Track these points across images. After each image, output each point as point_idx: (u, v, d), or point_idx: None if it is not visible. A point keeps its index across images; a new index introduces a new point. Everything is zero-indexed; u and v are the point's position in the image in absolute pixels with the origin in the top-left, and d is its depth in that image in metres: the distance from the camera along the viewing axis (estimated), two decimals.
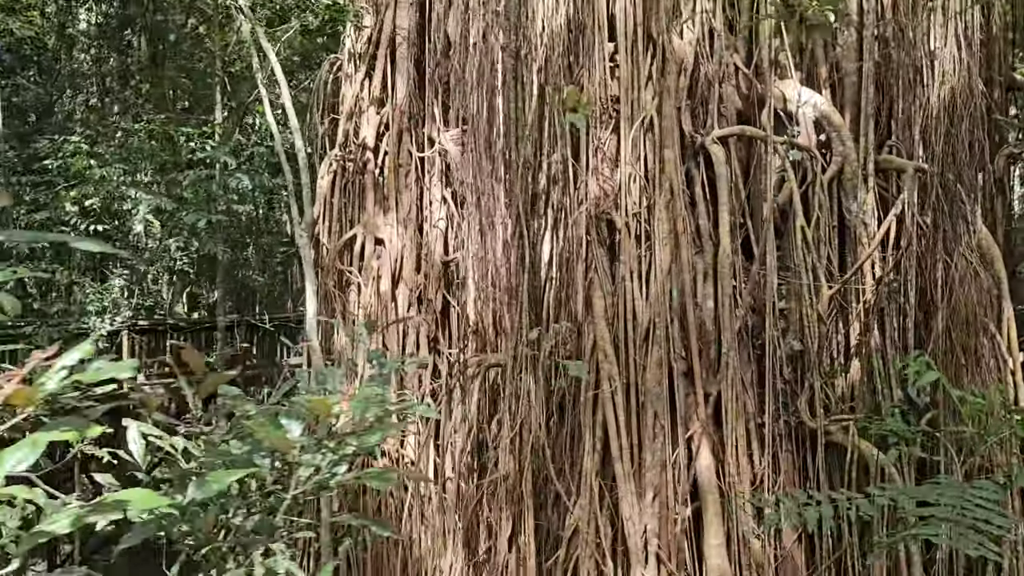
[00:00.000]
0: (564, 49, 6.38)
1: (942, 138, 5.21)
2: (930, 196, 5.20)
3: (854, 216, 5.76)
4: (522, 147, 6.75)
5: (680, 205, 5.88)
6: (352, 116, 12.51)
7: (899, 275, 5.50)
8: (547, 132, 6.77)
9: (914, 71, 5.62)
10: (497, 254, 7.94)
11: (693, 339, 5.85)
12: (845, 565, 5.33)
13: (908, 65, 5.71)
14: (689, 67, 6.21)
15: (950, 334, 5.44)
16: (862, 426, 5.41)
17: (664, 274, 5.86)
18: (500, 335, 9.42)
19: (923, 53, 5.65)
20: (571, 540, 6.19)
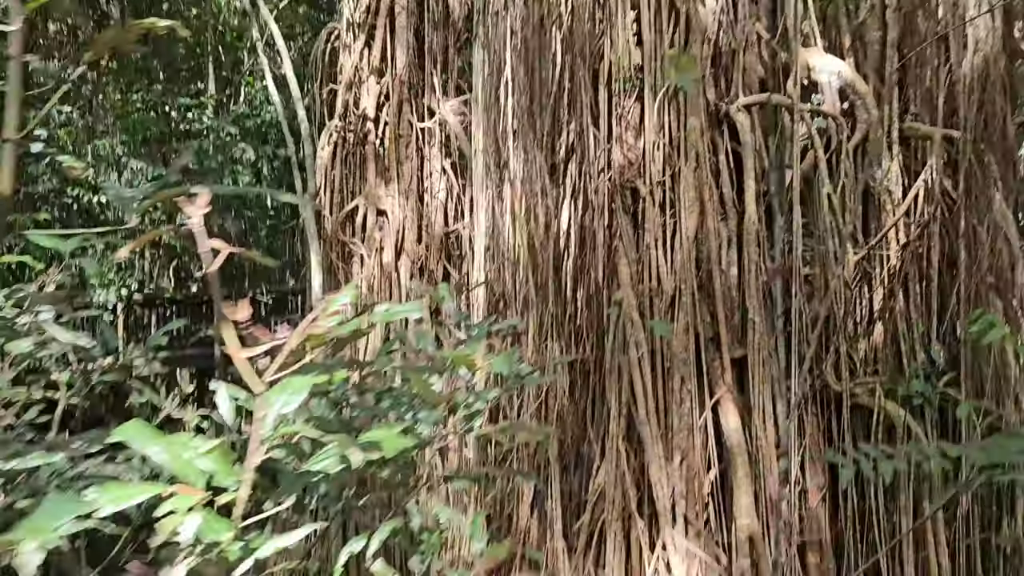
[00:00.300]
0: (588, 16, 6.45)
1: (975, 106, 5.32)
2: (962, 163, 5.32)
3: (878, 183, 5.90)
4: (545, 116, 6.82)
5: (706, 173, 6.00)
6: (352, 86, 12.56)
7: (923, 241, 5.64)
8: (566, 101, 6.85)
9: (943, 40, 5.73)
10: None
11: (720, 305, 5.99)
12: (869, 522, 5.54)
13: (935, 34, 5.82)
14: (713, 36, 6.30)
15: (971, 298, 5.61)
16: (888, 388, 5.60)
17: (690, 241, 5.99)
18: (512, 303, 9.56)
19: (950, 21, 5.75)
20: (596, 504, 6.37)
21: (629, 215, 6.35)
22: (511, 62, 6.74)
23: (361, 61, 12.71)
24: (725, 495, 5.87)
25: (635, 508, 6.09)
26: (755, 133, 6.06)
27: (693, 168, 6.03)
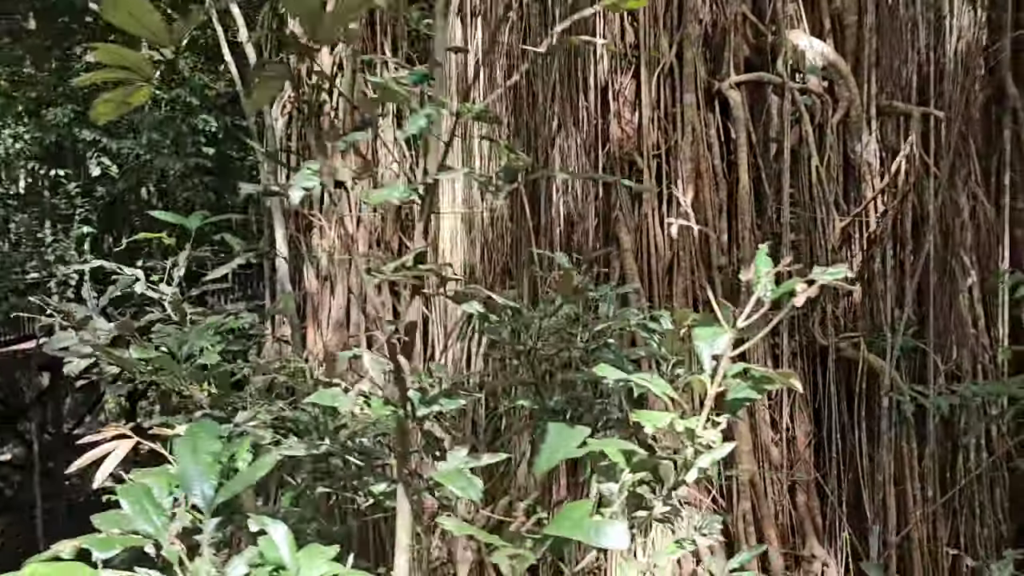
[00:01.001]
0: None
1: (959, 88, 6.00)
2: (948, 141, 6.00)
3: (858, 156, 6.56)
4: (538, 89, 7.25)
5: (703, 147, 6.55)
6: (303, 56, 12.67)
7: (901, 208, 6.33)
8: (559, 76, 7.28)
9: (925, 25, 6.40)
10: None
11: (715, 271, 6.58)
12: (854, 463, 6.24)
13: (908, 20, 6.50)
14: (704, 16, 6.83)
15: (943, 261, 6.35)
16: (869, 341, 6.29)
17: (689, 210, 6.53)
18: (485, 276, 10.00)
19: (925, 7, 6.43)
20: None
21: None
22: (492, 34, 7.11)
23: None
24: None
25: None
26: (745, 109, 6.63)
27: (690, 142, 6.57)
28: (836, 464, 6.29)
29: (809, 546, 6.26)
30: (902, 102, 6.53)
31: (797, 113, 6.66)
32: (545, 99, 7.39)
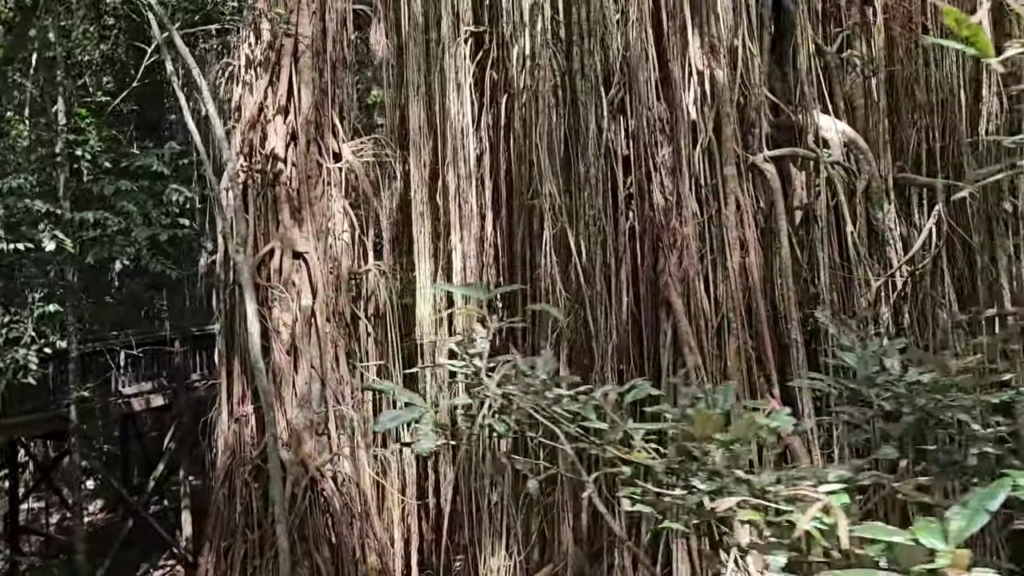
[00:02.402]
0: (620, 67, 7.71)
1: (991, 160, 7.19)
2: (983, 212, 7.14)
3: (880, 222, 7.61)
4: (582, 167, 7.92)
5: (748, 215, 7.41)
6: (256, 125, 13.01)
7: (929, 270, 7.39)
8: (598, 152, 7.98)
9: (940, 105, 7.63)
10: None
11: (765, 329, 7.34)
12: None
13: (925, 103, 7.74)
14: (734, 97, 7.81)
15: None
16: None
17: (736, 274, 7.32)
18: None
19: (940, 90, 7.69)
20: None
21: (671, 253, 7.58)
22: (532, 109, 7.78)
23: (266, 100, 13.25)
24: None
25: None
26: (780, 181, 7.58)
27: (733, 210, 7.41)
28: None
29: None
30: (926, 175, 7.69)
31: (818, 186, 7.67)
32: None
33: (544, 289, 7.70)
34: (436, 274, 12.02)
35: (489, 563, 8.41)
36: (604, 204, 7.86)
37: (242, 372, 12.33)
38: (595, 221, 7.55)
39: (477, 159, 10.55)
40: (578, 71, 7.61)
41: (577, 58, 7.61)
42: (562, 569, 7.91)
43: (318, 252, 13.10)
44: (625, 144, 7.82)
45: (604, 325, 7.48)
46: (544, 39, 7.89)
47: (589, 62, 7.51)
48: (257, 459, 12.01)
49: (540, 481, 8.34)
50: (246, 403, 12.41)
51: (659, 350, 7.65)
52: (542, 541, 8.56)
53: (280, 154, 13.03)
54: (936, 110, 7.69)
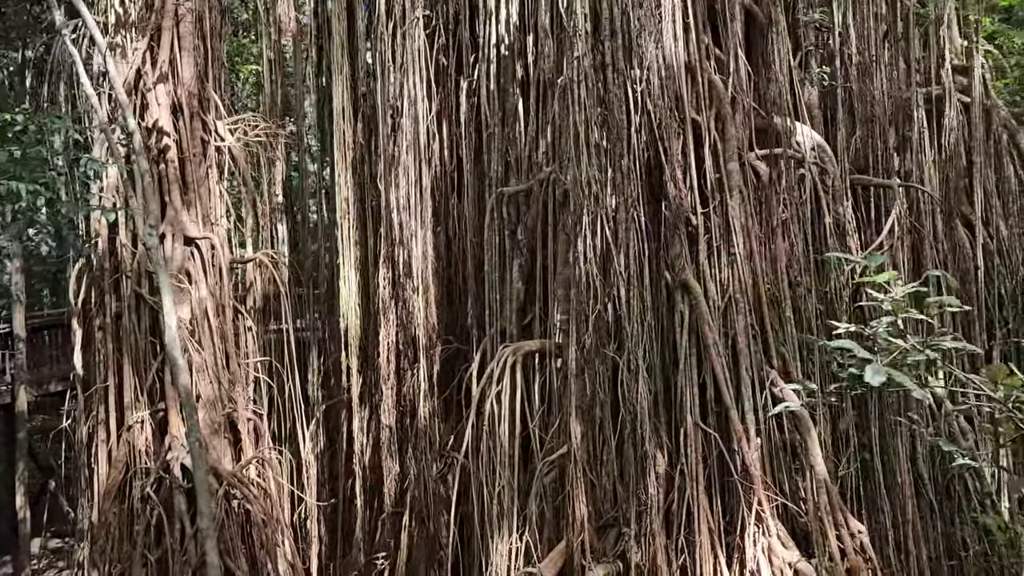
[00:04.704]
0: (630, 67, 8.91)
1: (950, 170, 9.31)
2: (945, 210, 9.23)
3: (842, 216, 9.54)
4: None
5: (750, 205, 8.93)
6: (132, 93, 12.40)
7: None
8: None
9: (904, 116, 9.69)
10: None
11: (766, 310, 8.91)
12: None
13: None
14: (727, 99, 9.32)
15: None
16: None
17: (743, 258, 8.81)
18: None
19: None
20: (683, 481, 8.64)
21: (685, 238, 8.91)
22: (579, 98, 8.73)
23: (144, 65, 12.67)
24: (786, 449, 8.73)
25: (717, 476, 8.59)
26: (770, 177, 9.21)
27: (739, 202, 8.90)
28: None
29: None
30: (885, 176, 9.76)
31: (792, 184, 9.44)
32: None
33: (583, 272, 8.61)
34: (364, 260, 12.30)
35: (498, 547, 9.11)
36: (629, 191, 8.92)
37: (134, 372, 11.61)
38: (626, 208, 8.63)
39: (426, 144, 11.09)
40: (609, 65, 8.65)
41: (609, 52, 8.63)
42: (578, 545, 8.85)
43: (210, 239, 12.68)
44: (644, 137, 8.98)
45: (637, 307, 8.59)
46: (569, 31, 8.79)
47: (619, 57, 8.58)
48: (159, 470, 11.39)
49: (550, 462, 9.28)
50: (140, 407, 11.68)
51: (674, 328, 8.94)
52: (542, 521, 9.44)
53: (166, 128, 12.43)
54: (881, 121, 9.82)
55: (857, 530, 8.92)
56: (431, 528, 10.85)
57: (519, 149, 10.70)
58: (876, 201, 10.17)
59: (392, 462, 11.37)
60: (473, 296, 11.09)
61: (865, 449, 9.50)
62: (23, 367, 17.34)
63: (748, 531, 8.56)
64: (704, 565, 8.63)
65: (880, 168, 10.03)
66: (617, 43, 8.60)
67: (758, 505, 8.48)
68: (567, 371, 9.22)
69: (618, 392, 8.96)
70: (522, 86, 10.73)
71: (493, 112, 10.64)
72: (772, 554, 8.51)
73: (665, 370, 9.10)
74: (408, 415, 11.40)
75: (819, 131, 9.94)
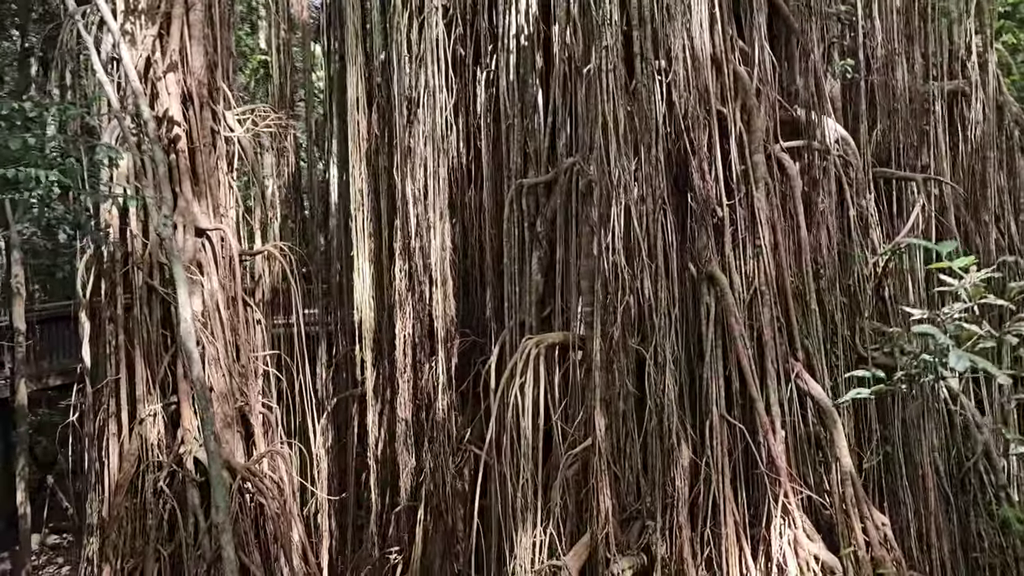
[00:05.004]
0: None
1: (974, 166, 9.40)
2: (971, 206, 9.33)
3: (864, 208, 9.61)
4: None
5: (775, 197, 8.98)
6: (142, 82, 12.30)
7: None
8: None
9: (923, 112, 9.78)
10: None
11: (791, 302, 8.96)
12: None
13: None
14: (752, 91, 9.36)
15: None
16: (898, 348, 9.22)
17: (770, 249, 8.86)
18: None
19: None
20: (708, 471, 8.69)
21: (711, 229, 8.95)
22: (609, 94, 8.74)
23: (154, 54, 12.59)
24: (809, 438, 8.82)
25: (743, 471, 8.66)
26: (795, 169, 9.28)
27: (765, 194, 8.95)
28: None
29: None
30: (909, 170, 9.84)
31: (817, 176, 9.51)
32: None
33: (611, 264, 8.63)
34: (378, 252, 12.29)
35: (522, 540, 9.13)
36: (657, 182, 8.94)
37: (146, 365, 11.55)
38: (654, 199, 8.66)
39: (443, 136, 11.07)
40: (638, 55, 8.67)
41: (637, 42, 8.66)
42: (603, 538, 8.88)
43: (221, 231, 12.64)
44: (669, 128, 9.00)
45: (664, 299, 8.63)
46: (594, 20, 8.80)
47: (647, 47, 8.61)
48: (172, 464, 11.35)
49: (573, 455, 9.30)
50: (152, 401, 11.63)
51: (700, 320, 8.99)
52: (564, 514, 9.47)
53: (176, 117, 12.37)
54: (903, 114, 9.91)
55: (881, 522, 9.04)
56: (449, 521, 10.86)
57: (538, 140, 10.72)
58: (897, 194, 10.28)
59: (408, 456, 11.37)
60: (491, 288, 11.12)
61: (887, 442, 9.59)
62: (23, 361, 17.22)
63: (774, 523, 8.63)
64: (729, 557, 8.71)
65: (901, 161, 10.15)
66: (646, 32, 8.64)
67: (784, 497, 8.56)
68: (591, 363, 9.26)
69: (644, 384, 9.02)
70: (542, 76, 10.75)
71: (512, 103, 10.65)
72: (798, 546, 8.60)
73: (690, 362, 9.16)
74: (424, 408, 11.40)
75: (840, 124, 10.00)
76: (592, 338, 9.18)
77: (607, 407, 9.12)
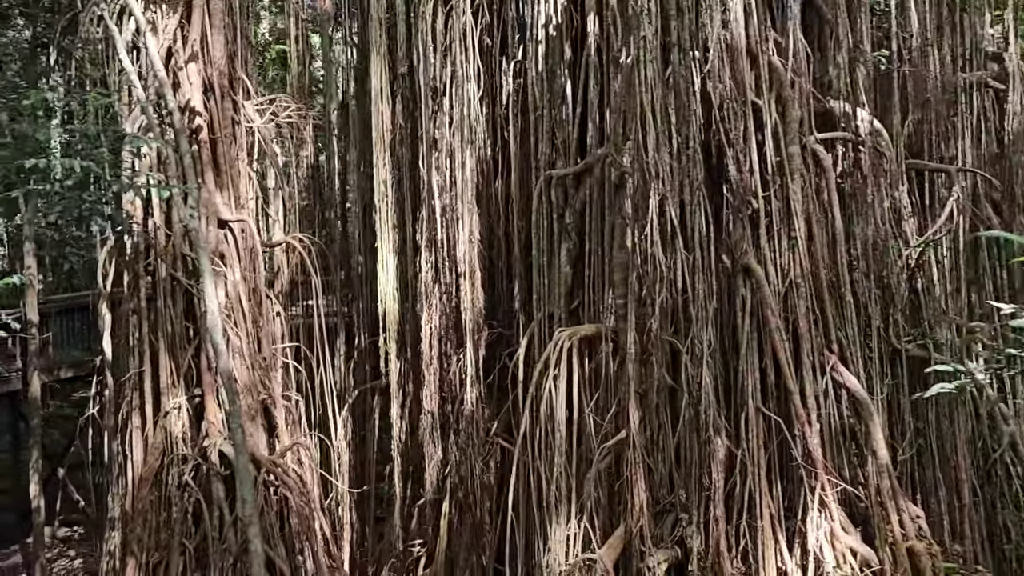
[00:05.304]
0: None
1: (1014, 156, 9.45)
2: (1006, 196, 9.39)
3: (897, 200, 9.63)
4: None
5: (811, 188, 9.00)
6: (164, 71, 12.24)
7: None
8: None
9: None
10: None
11: (826, 293, 8.99)
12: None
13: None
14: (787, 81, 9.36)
15: None
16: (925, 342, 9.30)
17: (805, 240, 8.89)
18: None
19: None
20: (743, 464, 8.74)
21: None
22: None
23: (175, 43, 12.55)
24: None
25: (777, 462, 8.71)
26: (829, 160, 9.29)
27: (800, 185, 8.97)
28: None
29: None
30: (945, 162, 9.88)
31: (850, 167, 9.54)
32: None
33: (649, 256, 8.65)
34: (402, 244, 12.30)
35: (556, 533, 9.17)
36: (695, 173, 8.94)
37: (170, 357, 11.56)
38: (692, 191, 8.68)
39: (471, 127, 11.07)
40: (674, 45, 8.67)
41: (675, 32, 8.65)
42: (637, 531, 8.92)
43: (244, 222, 12.65)
44: (704, 118, 9.01)
45: (702, 291, 8.65)
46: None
47: (685, 36, 8.61)
48: (197, 456, 11.37)
49: (607, 448, 9.33)
50: (177, 393, 11.63)
51: (735, 312, 9.02)
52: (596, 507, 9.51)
53: (198, 107, 12.34)
54: (935, 105, 9.94)
55: (915, 515, 9.09)
56: (477, 514, 10.90)
57: (566, 131, 10.72)
58: (929, 186, 10.33)
59: (435, 448, 11.40)
60: (519, 280, 11.14)
61: (919, 434, 9.65)
62: (36, 353, 17.21)
63: (810, 516, 8.69)
64: (766, 550, 8.77)
65: (932, 153, 10.19)
66: (683, 22, 8.64)
67: (821, 490, 8.61)
68: (624, 355, 9.29)
69: (680, 377, 9.05)
70: (571, 67, 10.75)
71: (542, 93, 10.65)
72: (835, 539, 8.65)
73: (724, 354, 9.20)
74: (449, 400, 11.44)
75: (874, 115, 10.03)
76: (626, 330, 9.22)
77: (641, 400, 9.16)
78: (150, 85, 11.89)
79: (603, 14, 9.93)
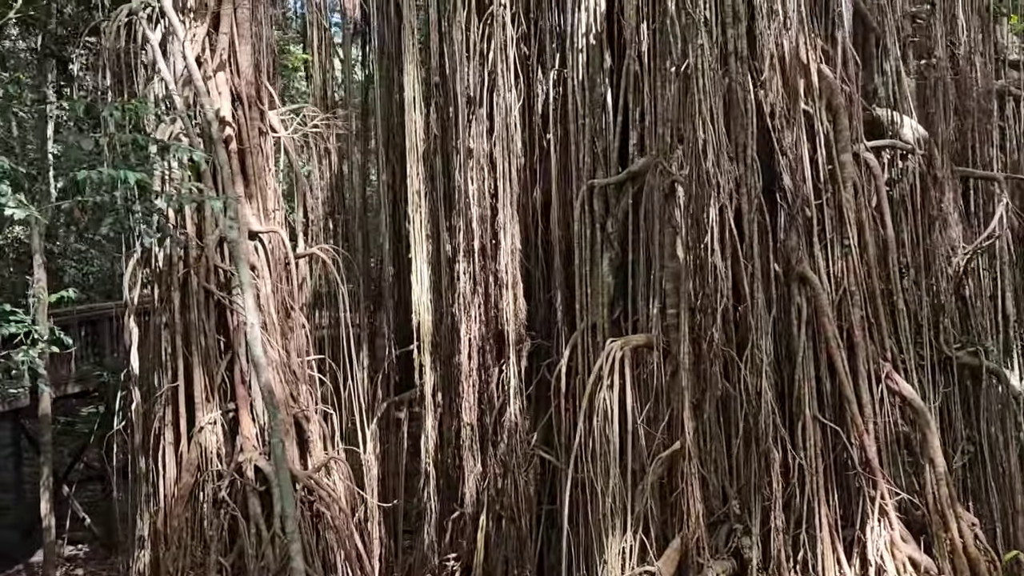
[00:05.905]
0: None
1: None
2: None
3: (946, 208, 9.76)
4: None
5: (863, 197, 9.11)
6: (192, 81, 12.21)
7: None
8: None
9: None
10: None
11: (880, 302, 9.09)
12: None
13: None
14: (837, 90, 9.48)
15: None
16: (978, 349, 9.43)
17: (858, 248, 8.99)
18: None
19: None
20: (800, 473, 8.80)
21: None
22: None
23: (203, 53, 12.52)
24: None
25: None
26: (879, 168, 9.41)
27: (853, 193, 9.07)
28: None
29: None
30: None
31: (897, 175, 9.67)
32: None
33: (709, 265, 8.71)
34: (436, 253, 12.30)
35: (611, 546, 9.18)
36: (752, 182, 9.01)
37: (204, 371, 11.48)
38: (749, 200, 8.76)
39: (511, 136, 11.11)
40: (731, 53, 8.76)
41: (732, 40, 8.74)
42: (694, 543, 8.95)
43: (275, 233, 12.62)
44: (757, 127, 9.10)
45: (760, 300, 8.73)
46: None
47: (742, 45, 8.70)
48: (232, 472, 11.29)
49: (661, 459, 9.37)
50: (211, 408, 11.54)
51: (791, 321, 9.09)
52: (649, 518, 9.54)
53: (227, 117, 12.30)
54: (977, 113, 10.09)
55: (971, 523, 9.19)
56: (522, 526, 10.90)
57: (607, 140, 10.78)
58: (974, 194, 10.49)
59: (474, 461, 11.40)
60: (560, 289, 11.17)
61: (970, 442, 9.77)
62: (46, 368, 17.04)
63: (869, 525, 8.77)
64: (825, 560, 8.82)
65: (975, 160, 10.35)
66: (740, 31, 8.74)
67: (880, 499, 8.70)
68: (677, 365, 9.34)
69: (732, 386, 9.11)
70: (611, 76, 10.81)
71: (583, 102, 10.71)
72: (895, 548, 8.73)
73: (778, 363, 9.27)
74: (488, 412, 11.45)
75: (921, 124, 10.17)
76: (678, 340, 9.27)
77: (694, 410, 9.21)
78: (183, 95, 11.87)
79: (649, 22, 10.02)
